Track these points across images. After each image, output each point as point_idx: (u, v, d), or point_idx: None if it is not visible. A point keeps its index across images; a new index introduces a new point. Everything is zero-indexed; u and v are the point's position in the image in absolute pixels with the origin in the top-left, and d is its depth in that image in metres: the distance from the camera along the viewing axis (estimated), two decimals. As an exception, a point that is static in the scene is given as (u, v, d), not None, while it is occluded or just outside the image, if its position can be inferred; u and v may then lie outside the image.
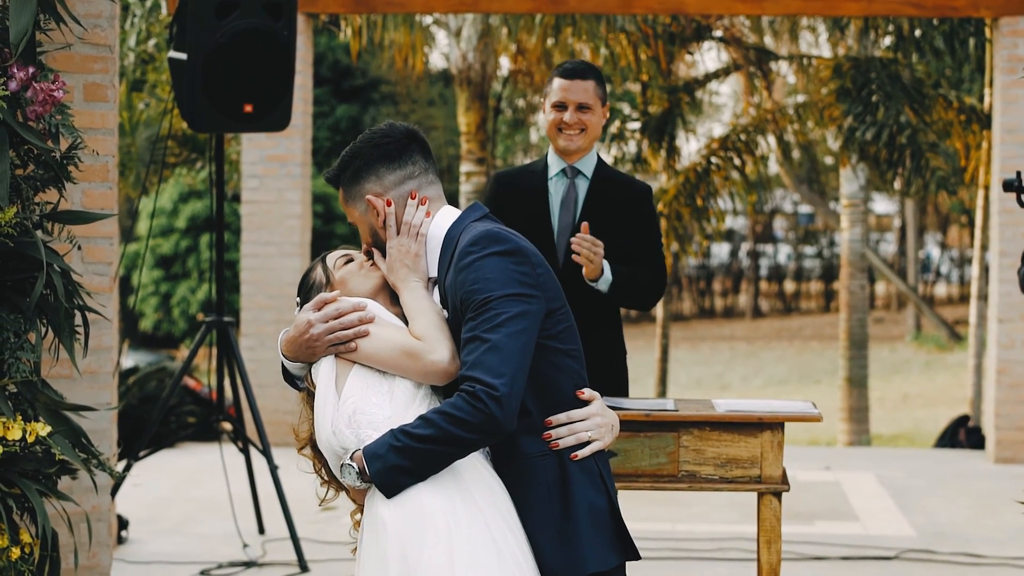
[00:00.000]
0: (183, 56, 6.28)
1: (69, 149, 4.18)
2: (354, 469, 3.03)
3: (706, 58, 49.43)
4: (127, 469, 6.59)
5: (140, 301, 19.50)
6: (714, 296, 36.27)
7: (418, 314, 3.17)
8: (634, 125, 13.98)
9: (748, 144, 13.60)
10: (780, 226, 37.16)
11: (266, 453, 6.61)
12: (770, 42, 15.08)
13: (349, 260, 3.34)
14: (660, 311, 16.73)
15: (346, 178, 3.28)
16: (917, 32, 12.34)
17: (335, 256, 3.36)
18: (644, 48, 13.04)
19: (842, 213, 16.25)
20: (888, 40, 13.13)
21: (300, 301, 3.34)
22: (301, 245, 9.75)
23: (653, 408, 4.02)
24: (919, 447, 15.21)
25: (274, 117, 6.53)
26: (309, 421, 3.23)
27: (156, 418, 6.71)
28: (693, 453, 4.00)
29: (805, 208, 34.72)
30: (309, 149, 9.89)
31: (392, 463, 2.98)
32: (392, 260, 3.25)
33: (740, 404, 4.07)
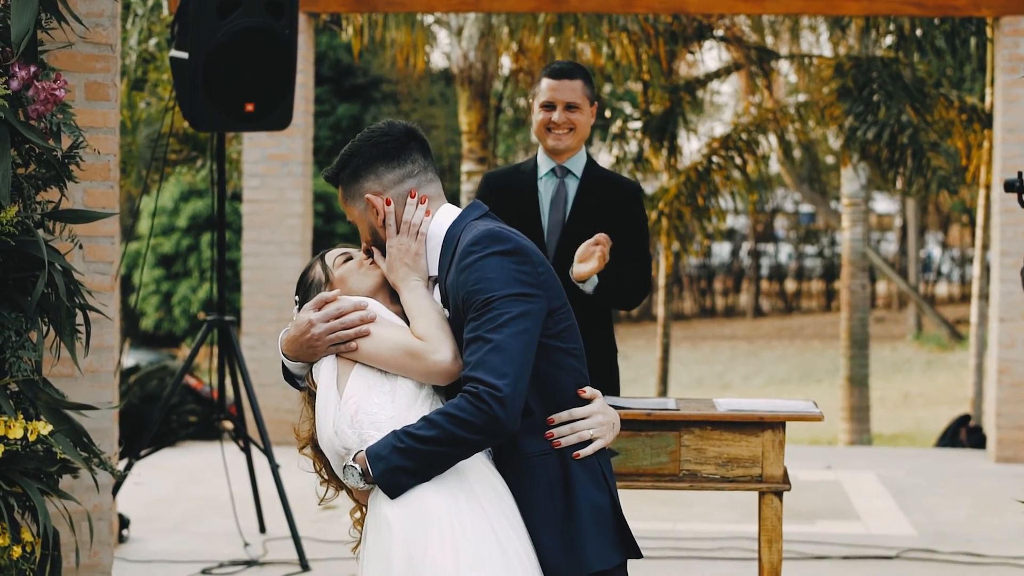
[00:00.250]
0: (184, 55, 6.28)
1: (70, 148, 4.19)
2: (357, 470, 3.02)
3: (707, 57, 49.41)
4: (128, 468, 6.59)
5: (141, 300, 19.50)
6: (715, 295, 36.24)
7: (419, 314, 3.16)
8: (635, 124, 13.97)
9: (749, 143, 13.60)
10: (781, 225, 37.14)
11: (267, 452, 6.62)
12: (771, 41, 15.06)
13: (348, 258, 3.32)
14: (661, 310, 16.72)
15: (345, 176, 3.26)
16: (918, 31, 12.33)
17: (334, 254, 3.34)
18: (645, 47, 13.03)
19: (843, 212, 16.23)
20: (889, 39, 13.12)
21: (299, 299, 3.32)
22: (302, 244, 9.75)
23: (654, 407, 4.02)
24: (920, 446, 15.20)
25: (275, 116, 6.53)
26: (310, 420, 3.22)
27: (157, 417, 6.72)
28: (694, 452, 4.00)
29: (806, 207, 34.69)
30: (310, 148, 9.89)
31: (395, 464, 2.98)
32: (392, 259, 3.23)
33: (741, 403, 4.07)
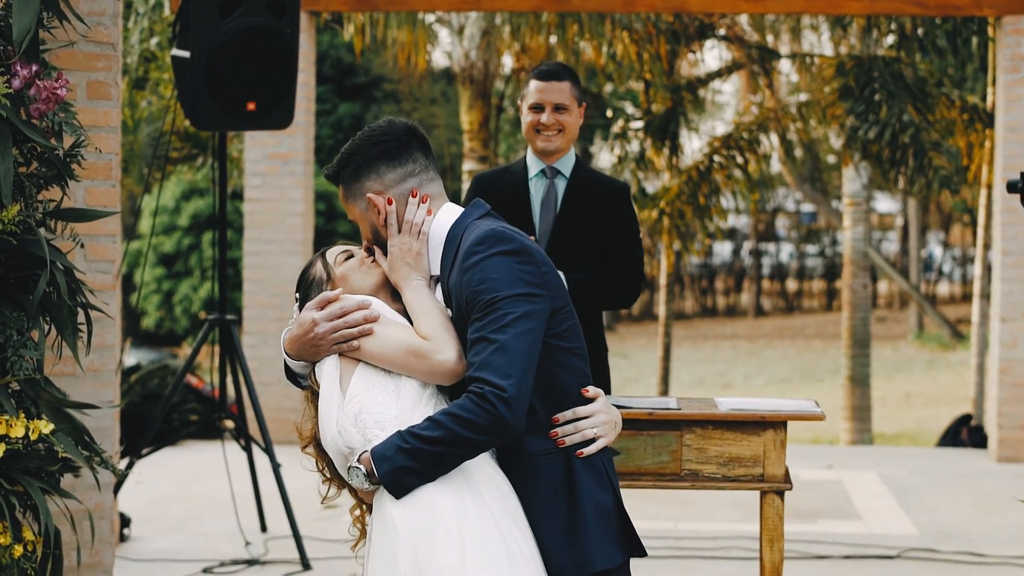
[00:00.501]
0: (186, 54, 6.28)
1: (72, 147, 4.18)
2: (362, 471, 3.01)
3: (709, 57, 49.38)
4: (129, 467, 6.60)
5: (142, 299, 19.50)
6: (716, 295, 36.24)
7: (423, 313, 3.15)
8: (637, 124, 13.97)
9: (751, 143, 13.59)
10: (782, 225, 37.15)
11: (268, 451, 6.61)
12: (772, 41, 15.05)
13: (349, 256, 3.31)
14: (662, 309, 16.71)
15: (346, 175, 3.25)
16: (920, 31, 12.32)
17: (335, 252, 3.33)
18: (647, 47, 13.03)
19: (844, 212, 16.22)
20: (891, 39, 13.11)
21: (299, 297, 3.31)
22: (303, 243, 9.75)
23: (656, 407, 4.01)
24: (921, 446, 15.20)
25: (277, 115, 6.53)
26: (313, 419, 3.21)
27: (159, 416, 6.72)
28: (696, 452, 3.99)
29: (807, 207, 34.69)
30: (312, 147, 9.89)
31: (400, 465, 2.97)
32: (394, 259, 3.22)
33: (743, 403, 4.07)
